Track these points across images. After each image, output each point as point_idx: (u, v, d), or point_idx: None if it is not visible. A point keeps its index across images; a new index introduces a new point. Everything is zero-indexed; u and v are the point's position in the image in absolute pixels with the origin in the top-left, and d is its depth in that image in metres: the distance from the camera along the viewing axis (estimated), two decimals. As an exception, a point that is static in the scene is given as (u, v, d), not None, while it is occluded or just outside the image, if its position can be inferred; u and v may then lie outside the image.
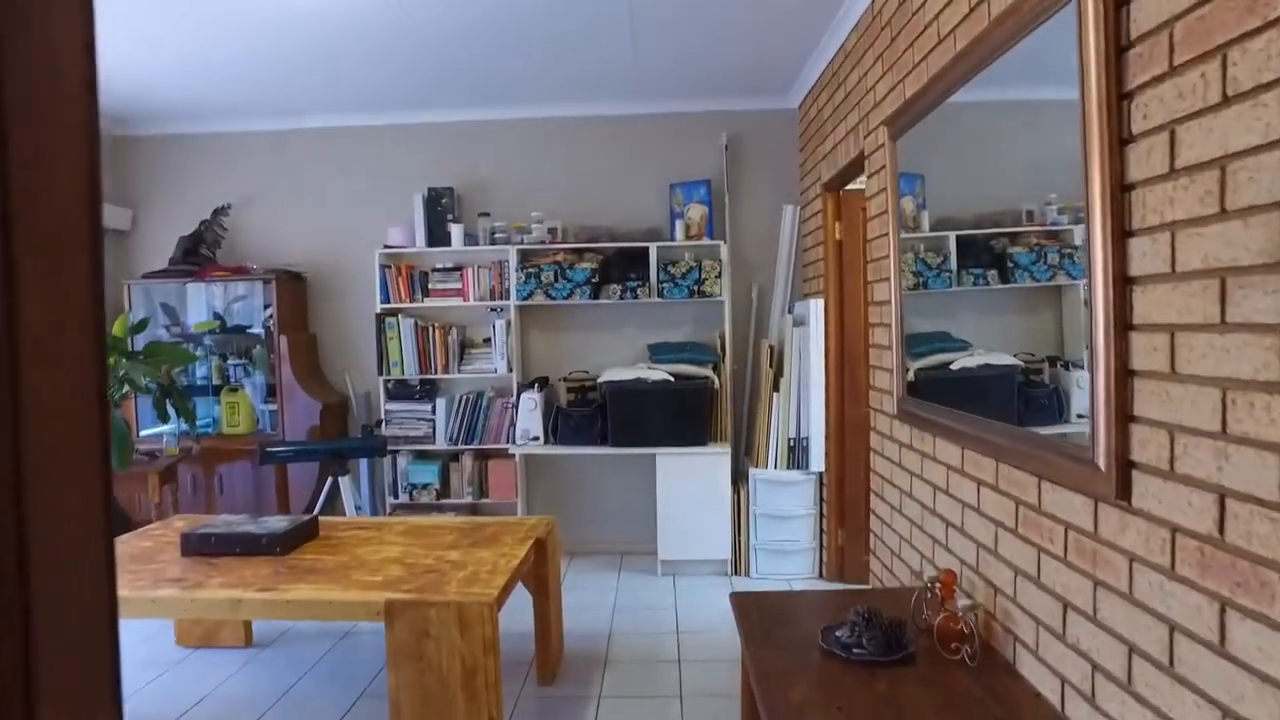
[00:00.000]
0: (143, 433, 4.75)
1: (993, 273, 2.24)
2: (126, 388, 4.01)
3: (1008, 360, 2.16)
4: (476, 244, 4.78)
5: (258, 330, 4.87)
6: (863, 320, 4.15)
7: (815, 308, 4.27)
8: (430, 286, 4.81)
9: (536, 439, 4.63)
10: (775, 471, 4.43)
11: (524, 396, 4.61)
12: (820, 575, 4.44)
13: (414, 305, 4.82)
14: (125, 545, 2.95)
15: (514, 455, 4.66)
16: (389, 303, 4.80)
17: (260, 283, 4.80)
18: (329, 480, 4.41)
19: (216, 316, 4.92)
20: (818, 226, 4.37)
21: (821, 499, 4.42)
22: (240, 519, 2.89)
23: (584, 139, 4.92)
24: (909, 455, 2.84)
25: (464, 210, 4.89)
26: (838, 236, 4.25)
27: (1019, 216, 2.02)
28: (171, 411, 4.18)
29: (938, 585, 2.06)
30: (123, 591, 2.42)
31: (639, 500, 4.99)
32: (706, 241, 4.70)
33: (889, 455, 3.16)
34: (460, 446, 4.80)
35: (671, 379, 4.48)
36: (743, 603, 2.37)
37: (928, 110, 2.51)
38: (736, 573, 4.53)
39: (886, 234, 3.04)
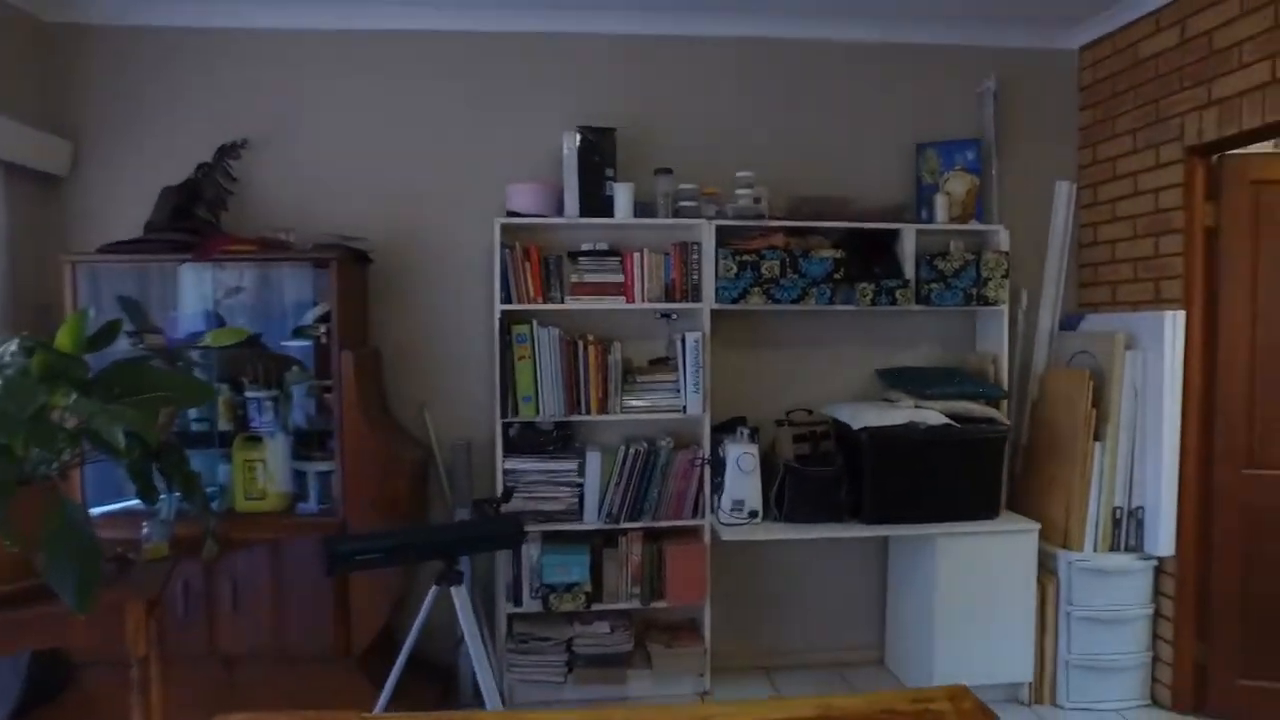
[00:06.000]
0: (95, 510, 2.80)
1: None
2: (86, 446, 2.14)
3: None
4: (654, 215, 3.17)
5: (294, 343, 3.03)
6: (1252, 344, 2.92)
7: (1172, 326, 2.99)
8: (573, 279, 3.16)
9: (755, 514, 3.07)
10: (1099, 556, 3.11)
11: (735, 448, 3.05)
12: (1153, 702, 3.16)
13: (548, 307, 3.14)
14: None
15: (710, 539, 3.09)
16: (511, 302, 3.10)
17: (311, 265, 2.98)
18: (432, 591, 2.67)
19: (217, 320, 3.04)
20: (1158, 209, 3.11)
21: (1157, 594, 3.14)
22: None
23: (798, 72, 3.41)
24: None
25: (623, 167, 3.26)
26: (1208, 222, 2.99)
27: None
28: (161, 483, 2.35)
29: None
30: None
31: (858, 589, 3.54)
32: (978, 226, 3.32)
33: None
34: (624, 525, 3.16)
35: (955, 424, 3.07)
36: None
37: None
38: (1037, 700, 3.17)
39: None
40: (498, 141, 3.29)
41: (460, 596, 2.64)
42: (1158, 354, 3.01)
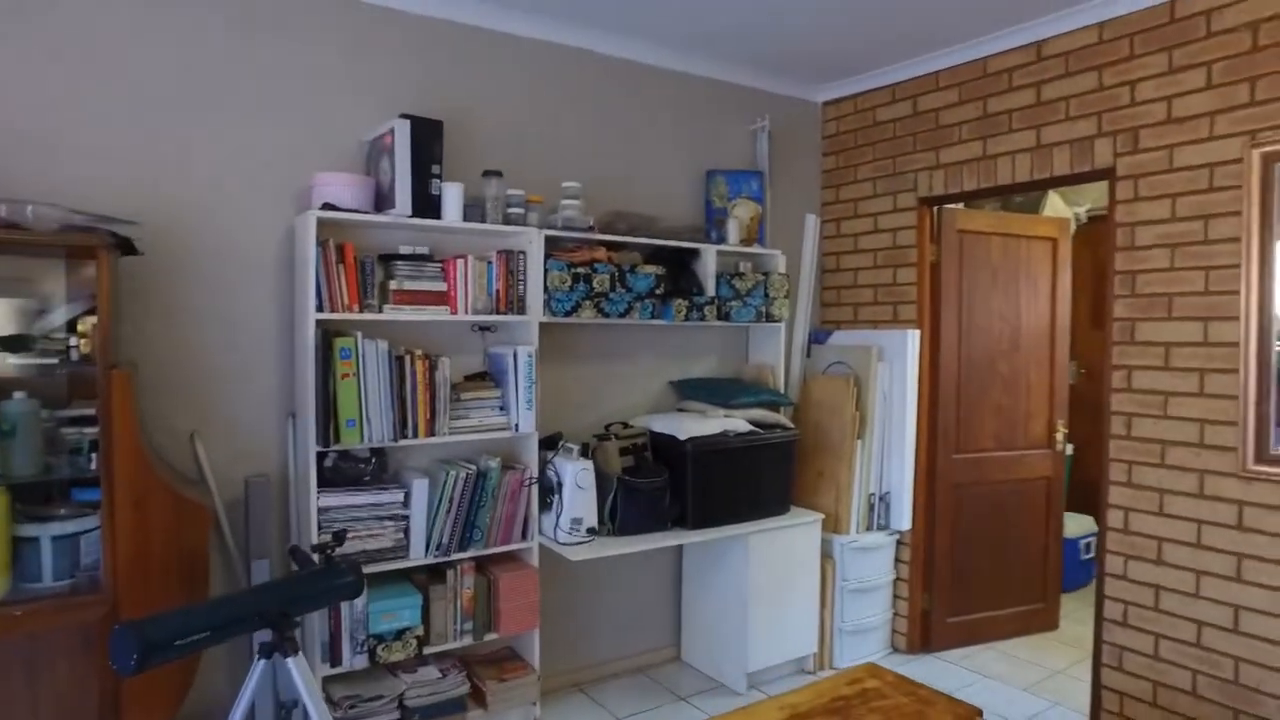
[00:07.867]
0: None
1: None
2: None
3: None
4: (481, 219, 2.94)
5: (8, 359, 2.20)
6: (974, 356, 3.71)
7: (912, 341, 3.64)
8: (393, 286, 2.79)
9: (594, 531, 3.02)
10: (862, 536, 3.65)
11: (571, 465, 2.96)
12: (894, 649, 3.79)
13: (365, 316, 2.73)
14: None
15: (538, 560, 2.96)
16: (324, 311, 2.63)
17: (57, 254, 2.18)
18: (259, 666, 2.19)
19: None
20: (895, 245, 3.76)
21: (898, 562, 3.78)
22: None
23: (608, 88, 3.41)
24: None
25: (447, 163, 2.95)
26: (933, 259, 3.70)
27: None
28: None
29: None
30: None
31: (654, 594, 3.66)
32: (761, 250, 3.66)
33: (1225, 521, 2.69)
34: (454, 556, 2.87)
35: (760, 430, 3.36)
36: None
37: None
38: (820, 667, 3.60)
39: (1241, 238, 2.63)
40: (293, 121, 2.77)
41: (300, 666, 2.19)
42: (901, 364, 3.63)
